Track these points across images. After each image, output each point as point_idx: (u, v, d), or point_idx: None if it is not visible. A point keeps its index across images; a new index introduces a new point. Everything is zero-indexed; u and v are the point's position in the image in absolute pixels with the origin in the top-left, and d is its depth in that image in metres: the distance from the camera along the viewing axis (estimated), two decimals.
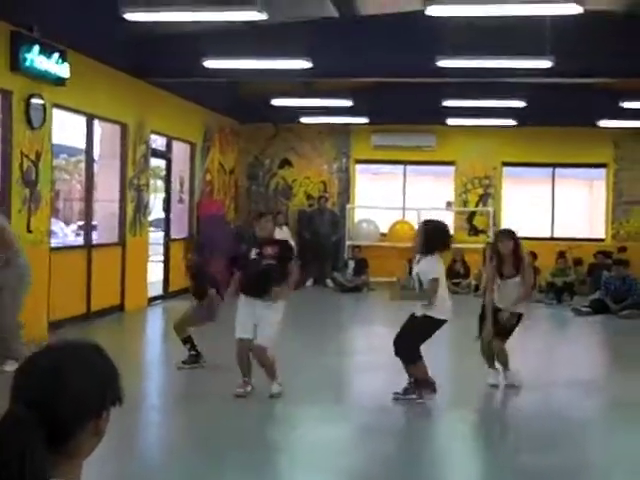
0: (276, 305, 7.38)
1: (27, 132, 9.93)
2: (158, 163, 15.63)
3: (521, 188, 19.23)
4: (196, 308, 8.94)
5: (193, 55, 11.57)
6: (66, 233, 22.09)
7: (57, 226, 19.66)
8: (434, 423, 7.33)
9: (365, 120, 17.36)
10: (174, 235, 15.11)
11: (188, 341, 8.79)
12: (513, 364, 8.21)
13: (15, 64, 9.48)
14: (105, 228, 12.96)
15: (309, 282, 17.04)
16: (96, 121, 12.07)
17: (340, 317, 14.53)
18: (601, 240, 18.25)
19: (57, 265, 10.64)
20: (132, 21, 9.28)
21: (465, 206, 18.50)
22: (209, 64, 11.46)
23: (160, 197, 16.20)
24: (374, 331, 12.66)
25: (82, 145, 12.15)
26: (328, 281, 17.23)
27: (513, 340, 8.28)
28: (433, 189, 19.44)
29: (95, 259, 11.84)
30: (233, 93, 16.73)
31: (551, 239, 18.23)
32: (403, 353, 7.42)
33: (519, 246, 8.08)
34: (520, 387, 8.11)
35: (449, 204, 18.42)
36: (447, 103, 15.83)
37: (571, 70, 11.83)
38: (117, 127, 12.70)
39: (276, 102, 16.09)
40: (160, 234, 15.40)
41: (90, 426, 1.73)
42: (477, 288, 15.91)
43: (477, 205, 18.54)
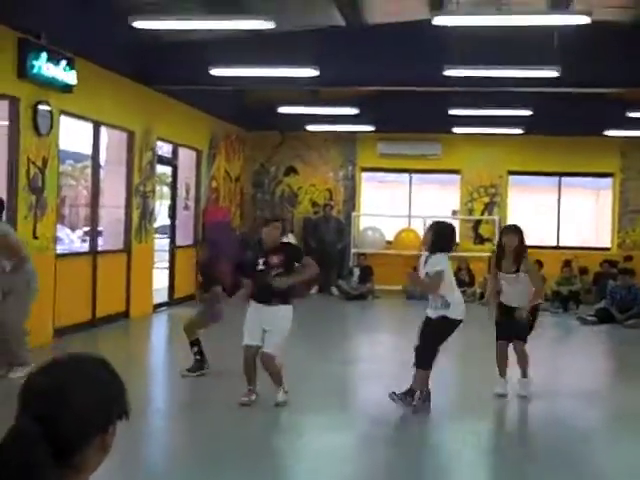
0: (285, 313, 7.38)
1: (34, 139, 9.96)
2: (164, 170, 15.66)
3: (527, 197, 19.20)
4: (204, 310, 8.97)
5: (200, 63, 11.59)
6: (72, 239, 22.12)
7: (63, 232, 19.67)
8: (439, 432, 7.32)
9: (371, 128, 17.38)
10: (180, 242, 15.15)
11: (195, 344, 8.78)
12: (518, 373, 8.21)
13: (22, 71, 9.51)
14: (111, 235, 12.99)
15: (314, 290, 17.03)
16: (103, 128, 12.12)
17: (345, 325, 14.52)
18: (607, 249, 18.22)
19: (62, 271, 10.65)
20: (139, 28, 9.32)
21: (471, 214, 18.49)
22: (216, 72, 11.49)
23: (166, 204, 16.23)
24: (379, 339, 12.66)
25: (88, 151, 12.17)
26: (333, 289, 17.23)
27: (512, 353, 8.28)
28: (439, 197, 19.42)
29: (100, 266, 11.85)
30: (239, 101, 16.76)
31: (557, 248, 18.21)
32: (419, 355, 7.40)
33: (523, 243, 8.04)
34: (528, 398, 8.08)
35: (455, 212, 18.42)
36: (453, 112, 15.84)
37: (577, 80, 11.82)
38: (124, 134, 12.74)
39: (282, 110, 16.11)
40: (165, 241, 15.43)
41: (96, 441, 1.72)
42: (482, 296, 15.90)
43: (483, 214, 18.53)
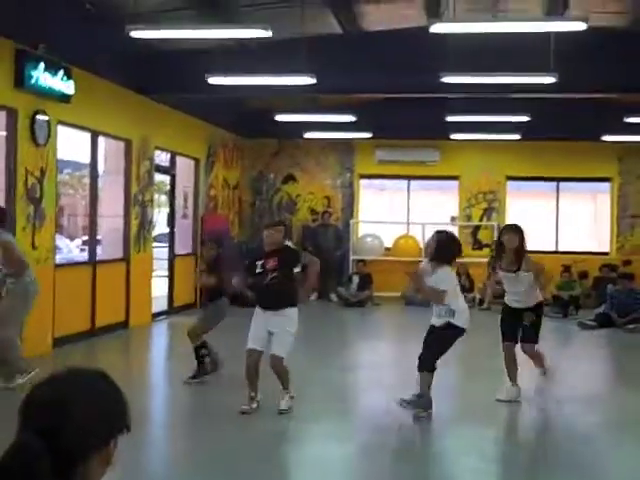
0: (291, 314, 7.35)
1: (32, 149, 9.96)
2: (162, 178, 15.66)
3: (525, 202, 19.21)
4: (206, 315, 8.98)
5: (197, 72, 11.58)
6: (70, 249, 22.11)
7: (61, 241, 19.66)
8: (441, 440, 7.29)
9: (369, 135, 17.38)
10: (178, 250, 15.13)
11: (201, 347, 8.77)
12: (519, 379, 8.20)
13: (20, 81, 9.52)
14: (109, 244, 12.98)
15: (313, 297, 17.01)
16: (100, 137, 12.11)
17: (345, 332, 14.50)
18: (606, 254, 18.23)
19: (62, 281, 10.64)
20: (136, 38, 9.32)
21: (469, 220, 18.50)
22: (213, 80, 11.49)
23: (164, 212, 16.21)
24: (379, 346, 12.64)
25: (86, 160, 12.16)
26: (332, 296, 17.22)
27: (519, 354, 8.27)
28: (437, 204, 19.43)
29: (100, 275, 11.84)
30: (237, 109, 16.76)
31: (556, 253, 18.22)
32: (422, 360, 7.38)
33: (523, 242, 8.01)
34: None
35: (453, 219, 18.43)
36: (451, 118, 15.85)
37: (575, 86, 11.85)
38: (121, 143, 12.74)
39: (280, 118, 16.11)
40: (164, 249, 15.41)
41: (98, 455, 1.71)
42: (481, 302, 15.91)
43: (481, 219, 18.54)
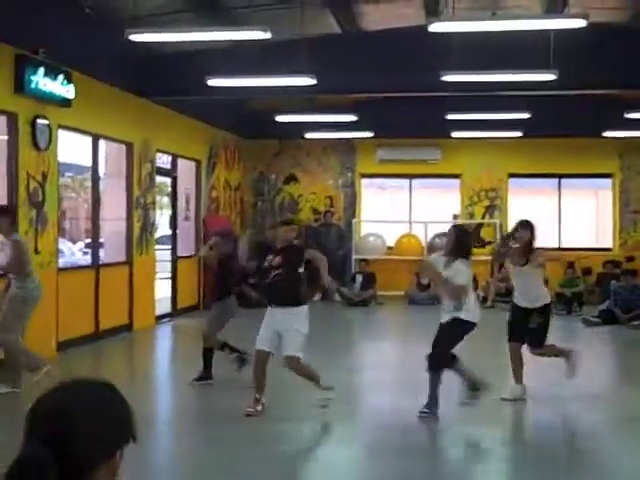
0: (299, 312, 7.23)
1: (33, 153, 9.96)
2: (164, 181, 15.66)
3: (527, 199, 19.19)
4: (214, 312, 8.98)
5: (197, 74, 11.57)
6: (73, 252, 22.14)
7: (64, 245, 19.68)
8: (448, 440, 7.27)
9: (370, 134, 17.38)
10: (181, 252, 15.13)
11: (225, 347, 8.78)
12: (525, 378, 8.19)
13: (20, 86, 9.53)
14: (112, 247, 12.98)
15: (317, 297, 17.00)
16: (101, 140, 12.11)
17: (349, 331, 14.49)
18: (609, 250, 18.20)
19: (65, 285, 10.65)
20: (136, 41, 9.32)
21: (471, 218, 18.48)
22: (213, 82, 11.49)
23: (166, 214, 16.21)
24: (383, 346, 12.63)
25: (88, 163, 12.18)
26: (335, 295, 17.21)
27: (525, 352, 8.26)
28: (439, 202, 19.43)
29: (103, 278, 11.85)
30: (237, 110, 16.76)
31: (559, 249, 18.18)
32: (431, 357, 7.34)
33: (534, 238, 8.10)
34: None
35: (455, 217, 18.41)
36: (452, 117, 15.84)
37: (575, 82, 11.83)
38: (122, 146, 12.74)
39: (281, 118, 16.11)
40: (167, 251, 15.41)
41: (104, 466, 1.70)
42: (485, 299, 15.89)
43: (484, 217, 18.53)
